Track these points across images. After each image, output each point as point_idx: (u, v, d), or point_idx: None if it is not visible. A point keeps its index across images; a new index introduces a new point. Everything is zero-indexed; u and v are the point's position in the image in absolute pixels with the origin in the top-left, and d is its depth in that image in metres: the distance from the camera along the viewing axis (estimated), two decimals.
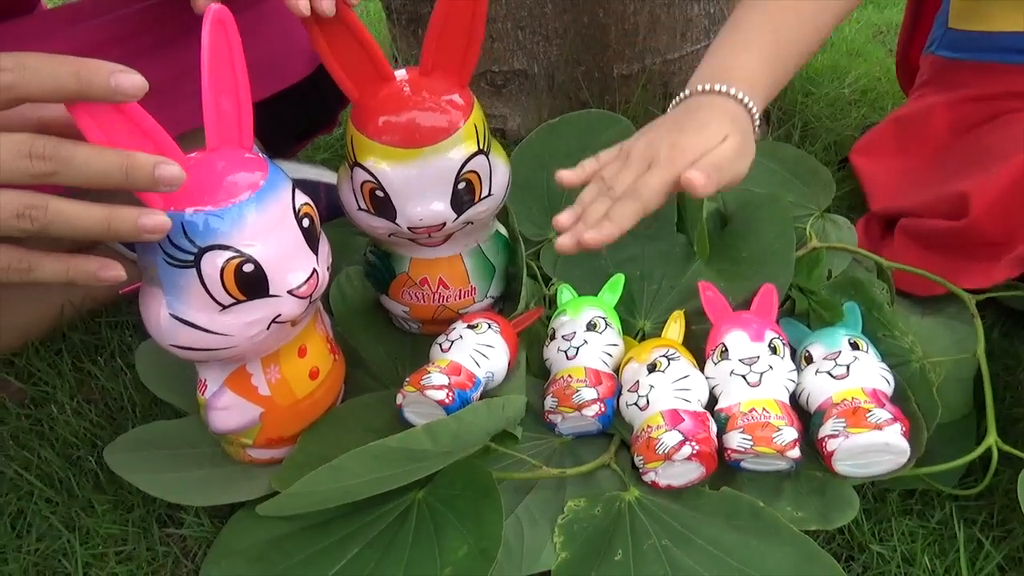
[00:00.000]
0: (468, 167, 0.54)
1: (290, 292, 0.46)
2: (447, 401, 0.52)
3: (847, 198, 0.83)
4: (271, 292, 0.45)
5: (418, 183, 0.54)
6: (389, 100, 0.53)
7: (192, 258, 0.43)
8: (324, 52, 0.51)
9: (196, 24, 0.45)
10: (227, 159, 0.45)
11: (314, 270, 0.48)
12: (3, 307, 0.66)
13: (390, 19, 1.02)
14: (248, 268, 0.44)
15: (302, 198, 0.48)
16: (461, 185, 0.55)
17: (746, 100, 0.56)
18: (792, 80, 1.05)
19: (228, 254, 0.43)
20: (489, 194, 0.57)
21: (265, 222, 0.45)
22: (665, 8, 0.90)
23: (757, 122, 0.57)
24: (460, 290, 0.62)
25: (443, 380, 0.53)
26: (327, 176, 0.81)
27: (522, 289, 0.63)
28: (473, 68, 0.54)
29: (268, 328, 0.46)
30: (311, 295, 0.47)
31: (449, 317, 0.62)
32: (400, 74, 0.54)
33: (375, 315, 0.68)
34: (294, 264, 0.47)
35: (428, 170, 0.53)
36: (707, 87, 0.57)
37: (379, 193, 0.54)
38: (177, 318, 0.44)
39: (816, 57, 1.16)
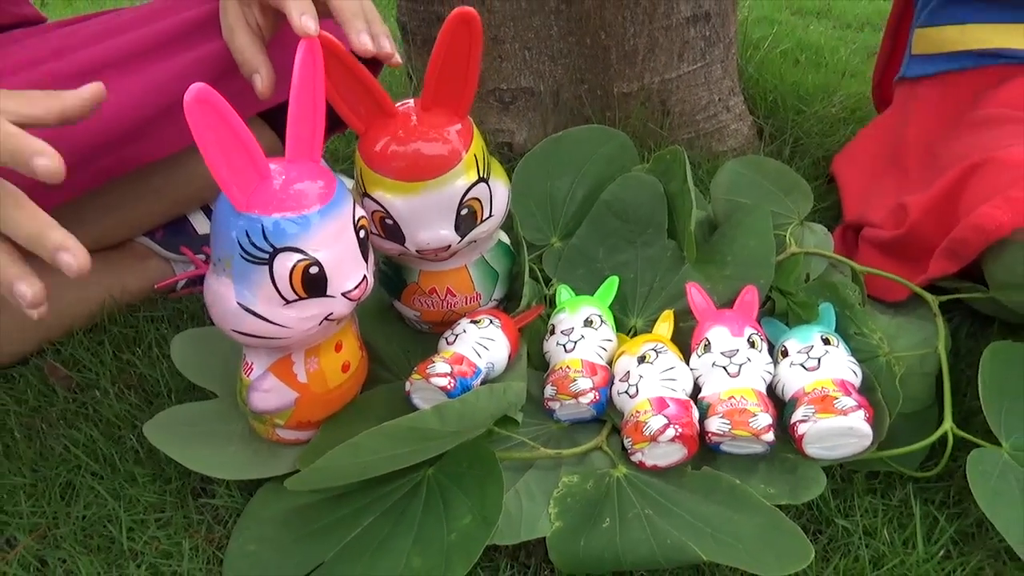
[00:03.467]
0: (470, 195, 0.59)
1: (343, 294, 0.52)
2: (449, 387, 0.57)
3: (831, 209, 0.88)
4: (328, 293, 0.51)
5: (424, 212, 0.58)
6: (394, 136, 0.57)
7: (267, 256, 0.48)
8: (328, 89, 0.54)
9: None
10: (302, 170, 0.51)
11: (364, 276, 0.53)
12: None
13: (405, 39, 1.07)
14: (314, 270, 0.49)
15: (360, 211, 0.53)
16: (464, 211, 0.59)
17: None
18: (785, 98, 1.11)
19: (298, 256, 0.49)
20: (490, 215, 0.62)
21: (331, 230, 0.50)
22: (663, 31, 0.94)
23: None
24: (466, 297, 0.66)
25: (446, 368, 0.58)
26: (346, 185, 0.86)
27: (524, 289, 0.69)
28: (471, 102, 0.58)
29: (320, 324, 0.52)
30: (360, 298, 0.53)
31: (457, 319, 0.66)
32: (405, 105, 0.58)
33: (389, 315, 0.72)
34: (349, 270, 0.52)
35: (433, 200, 0.58)
36: None
37: (388, 221, 0.59)
38: (244, 307, 0.50)
39: (808, 76, 1.21)
